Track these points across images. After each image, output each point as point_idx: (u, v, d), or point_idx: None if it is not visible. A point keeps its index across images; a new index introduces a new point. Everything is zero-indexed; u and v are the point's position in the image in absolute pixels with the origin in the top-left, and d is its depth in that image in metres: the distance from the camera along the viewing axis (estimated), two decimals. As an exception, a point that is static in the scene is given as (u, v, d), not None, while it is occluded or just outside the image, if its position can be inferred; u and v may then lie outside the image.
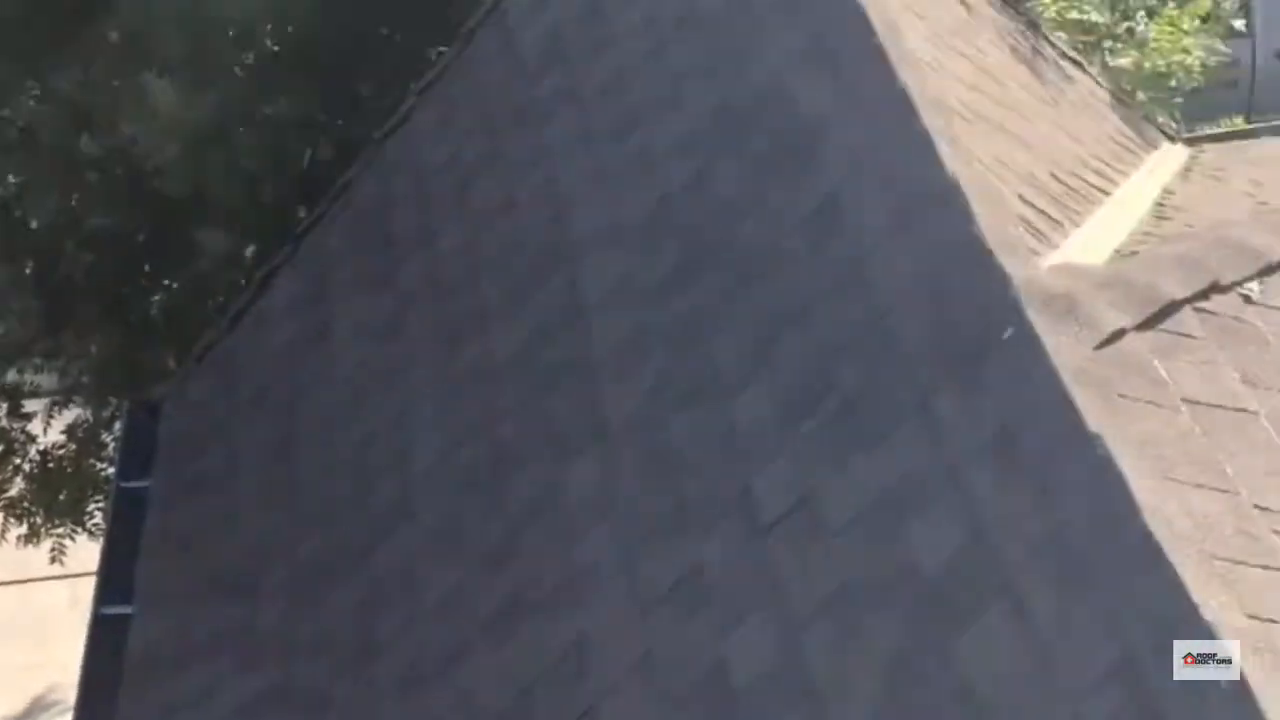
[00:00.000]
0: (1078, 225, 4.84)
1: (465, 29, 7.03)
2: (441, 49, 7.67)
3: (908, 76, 4.58)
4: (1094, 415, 3.24)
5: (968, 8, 6.59)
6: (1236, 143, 6.81)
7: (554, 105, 6.05)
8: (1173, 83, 7.91)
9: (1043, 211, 4.67)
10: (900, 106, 4.46)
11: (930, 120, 4.39)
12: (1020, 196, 4.65)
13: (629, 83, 5.76)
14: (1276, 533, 3.16)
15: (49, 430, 9.24)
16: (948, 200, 4.04)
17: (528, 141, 6.05)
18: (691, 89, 5.44)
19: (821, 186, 4.56)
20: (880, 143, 4.42)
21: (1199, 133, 7.23)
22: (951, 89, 5.15)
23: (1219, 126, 7.99)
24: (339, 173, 7.30)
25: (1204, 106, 8.50)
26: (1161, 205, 5.33)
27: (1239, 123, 7.77)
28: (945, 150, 4.26)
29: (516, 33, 6.67)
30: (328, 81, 8.07)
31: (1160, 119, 7.41)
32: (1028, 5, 7.94)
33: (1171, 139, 7.03)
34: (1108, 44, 8.20)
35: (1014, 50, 6.54)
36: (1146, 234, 4.86)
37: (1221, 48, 8.13)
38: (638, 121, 5.53)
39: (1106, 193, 5.48)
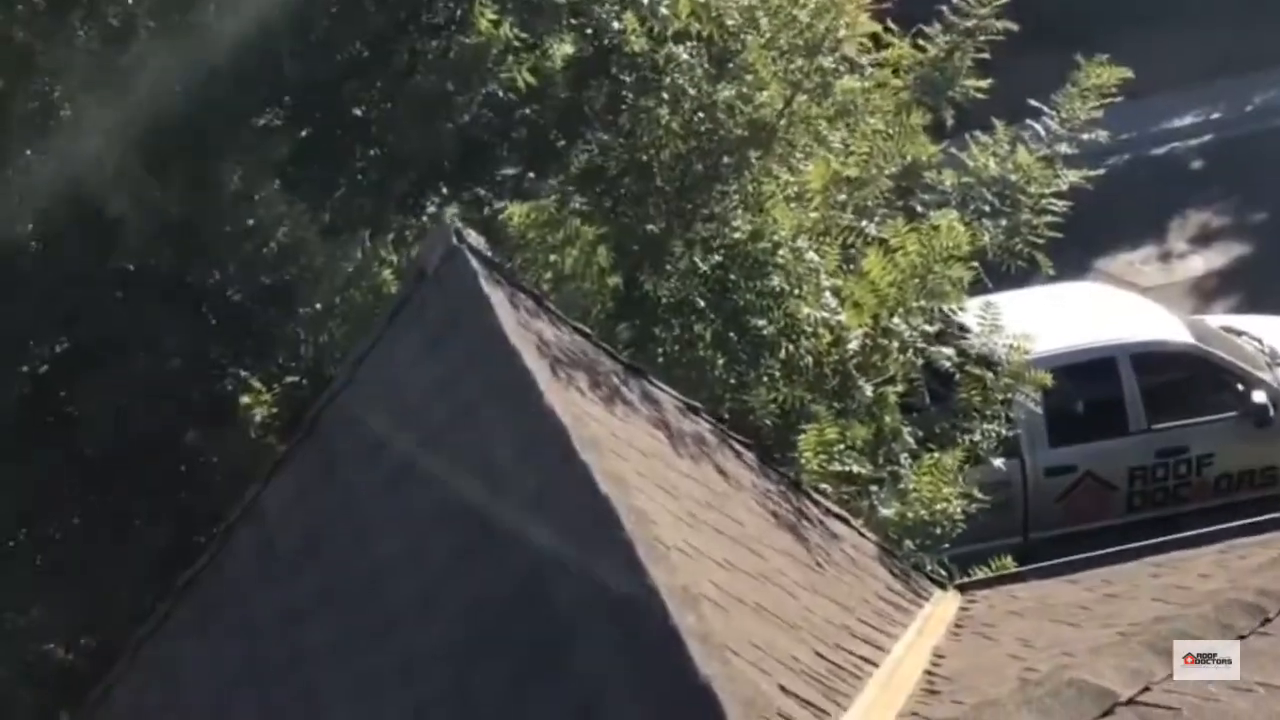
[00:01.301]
0: (845, 709, 4.75)
1: (222, 525, 6.87)
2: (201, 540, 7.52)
3: (657, 572, 4.54)
4: None
5: (725, 475, 6.60)
6: (1006, 588, 6.84)
7: (313, 606, 5.89)
8: (938, 530, 8.00)
9: (807, 702, 4.57)
10: (651, 605, 4.41)
11: (681, 619, 4.34)
12: (781, 687, 4.55)
13: (387, 582, 5.64)
14: None
15: None
16: (701, 707, 3.94)
17: (287, 647, 5.86)
18: (450, 587, 5.33)
19: (577, 692, 4.45)
20: (632, 647, 4.34)
21: (968, 579, 7.26)
22: (706, 573, 5.09)
23: (992, 564, 8.03)
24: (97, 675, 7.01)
25: (978, 529, 8.57)
26: (931, 676, 5.27)
27: (1009, 564, 7.86)
28: (697, 650, 4.20)
29: (274, 528, 6.53)
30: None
31: (929, 566, 7.46)
32: (790, 456, 8.02)
33: (943, 586, 7.03)
34: (874, 490, 8.28)
35: (775, 515, 6.54)
36: (914, 715, 4.78)
37: (979, 495, 8.27)
38: (397, 624, 5.40)
39: (875, 663, 5.40)
